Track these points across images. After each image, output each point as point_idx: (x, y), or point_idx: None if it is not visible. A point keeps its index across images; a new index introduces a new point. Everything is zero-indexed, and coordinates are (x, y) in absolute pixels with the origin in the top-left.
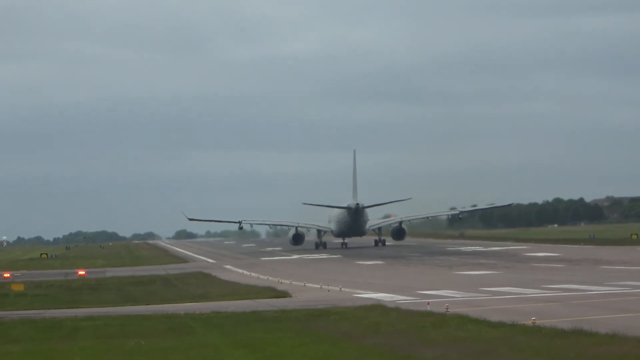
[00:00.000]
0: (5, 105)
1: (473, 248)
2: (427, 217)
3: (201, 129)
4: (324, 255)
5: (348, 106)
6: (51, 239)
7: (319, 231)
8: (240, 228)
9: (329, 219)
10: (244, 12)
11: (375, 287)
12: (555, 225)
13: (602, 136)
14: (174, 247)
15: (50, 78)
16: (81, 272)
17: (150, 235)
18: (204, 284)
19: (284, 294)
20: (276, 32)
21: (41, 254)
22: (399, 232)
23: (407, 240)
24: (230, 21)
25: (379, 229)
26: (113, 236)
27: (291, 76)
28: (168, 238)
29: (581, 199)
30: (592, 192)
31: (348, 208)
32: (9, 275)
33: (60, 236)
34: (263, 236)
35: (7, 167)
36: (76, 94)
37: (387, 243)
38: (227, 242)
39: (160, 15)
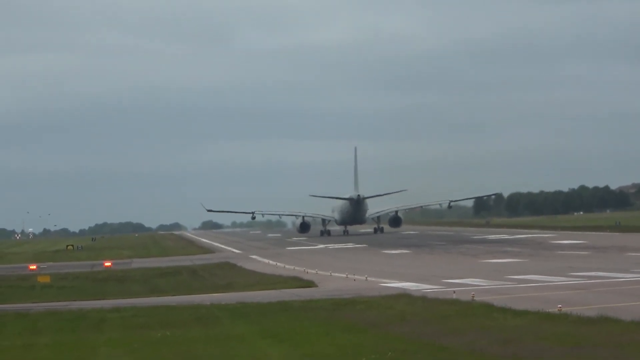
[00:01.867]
0: (31, 97)
1: (498, 236)
2: (421, 207)
3: (228, 118)
4: (349, 245)
5: (372, 94)
6: (77, 231)
7: (323, 220)
8: (253, 218)
9: (332, 209)
10: (269, 1)
11: (401, 276)
12: (581, 213)
13: (628, 123)
14: (200, 238)
15: (74, 69)
16: (107, 264)
17: (176, 226)
18: (230, 275)
19: (309, 284)
20: (301, 20)
21: (67, 246)
22: (395, 221)
23: (404, 228)
24: (255, 10)
25: (378, 217)
26: (139, 227)
27: (317, 65)
28: (194, 229)
29: (607, 187)
30: (618, 179)
31: (350, 199)
32: (35, 267)
33: (86, 228)
34: (289, 226)
35: (33, 160)
36: (101, 84)
37: (385, 231)
38: (252, 232)
39: (185, 5)
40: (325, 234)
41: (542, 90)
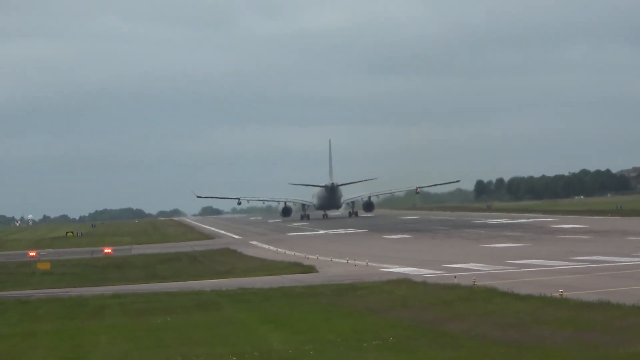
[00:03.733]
0: (33, 83)
1: (500, 220)
2: (392, 193)
3: (227, 104)
4: (350, 230)
5: (372, 79)
6: (77, 218)
7: (303, 205)
8: (239, 204)
9: (312, 195)
10: None
11: (402, 261)
12: (582, 197)
13: (629, 106)
14: (199, 224)
15: (74, 55)
16: (107, 250)
17: (176, 212)
18: (230, 261)
19: (310, 269)
20: (300, 6)
21: (67, 232)
22: (368, 205)
23: (375, 212)
24: None
25: (352, 202)
26: (139, 214)
27: (317, 50)
28: (194, 215)
29: (608, 170)
30: (618, 163)
31: (325, 186)
32: (35, 254)
33: (86, 214)
34: (307, 212)
35: (34, 146)
36: (100, 70)
37: (359, 214)
38: (252, 218)
39: None
40: (305, 217)
41: (541, 75)
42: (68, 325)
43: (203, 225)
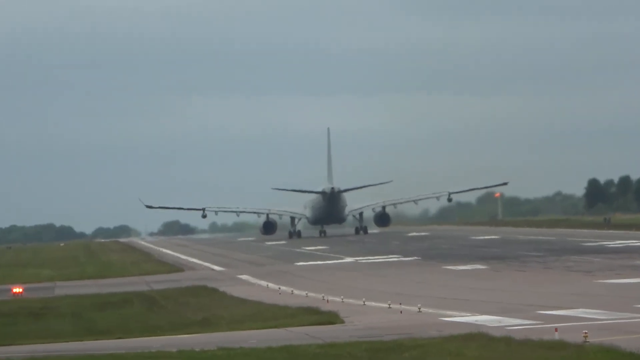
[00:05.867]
0: None
1: (624, 242)
2: (414, 201)
3: (193, 62)
4: (393, 258)
5: (406, 21)
6: None
7: (292, 218)
8: (204, 216)
9: (304, 205)
10: None
11: (473, 306)
12: None
13: None
14: (160, 248)
15: None
16: (17, 290)
17: (124, 229)
18: (208, 305)
19: (332, 319)
20: None
21: None
22: (382, 218)
23: (392, 228)
24: None
25: (360, 214)
26: (65, 232)
27: None
28: (152, 234)
29: None
30: None
31: (323, 193)
32: None
33: None
34: (306, 230)
35: None
36: None
37: (369, 231)
38: (243, 239)
39: None
40: (295, 235)
41: None
42: None
43: (165, 251)
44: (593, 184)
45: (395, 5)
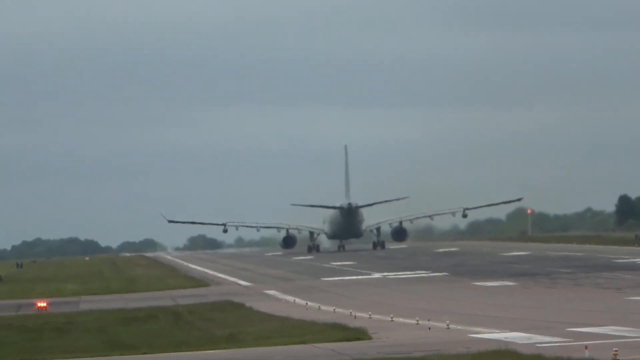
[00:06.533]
0: None
1: None
2: (430, 217)
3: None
4: (422, 273)
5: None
6: None
7: (311, 233)
8: (225, 231)
9: (323, 220)
10: None
11: (502, 322)
12: None
13: None
14: (186, 263)
15: None
16: (41, 304)
17: (150, 244)
18: (235, 320)
19: (359, 335)
20: None
21: None
22: (399, 233)
23: (408, 243)
24: None
25: (378, 229)
26: (90, 246)
27: None
28: (178, 248)
29: None
30: None
31: (341, 208)
32: None
33: (8, 247)
34: (325, 244)
35: None
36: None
37: (386, 246)
38: (270, 255)
39: None
40: (314, 249)
41: None
42: None
43: (191, 266)
44: (624, 200)
45: (412, 16)
